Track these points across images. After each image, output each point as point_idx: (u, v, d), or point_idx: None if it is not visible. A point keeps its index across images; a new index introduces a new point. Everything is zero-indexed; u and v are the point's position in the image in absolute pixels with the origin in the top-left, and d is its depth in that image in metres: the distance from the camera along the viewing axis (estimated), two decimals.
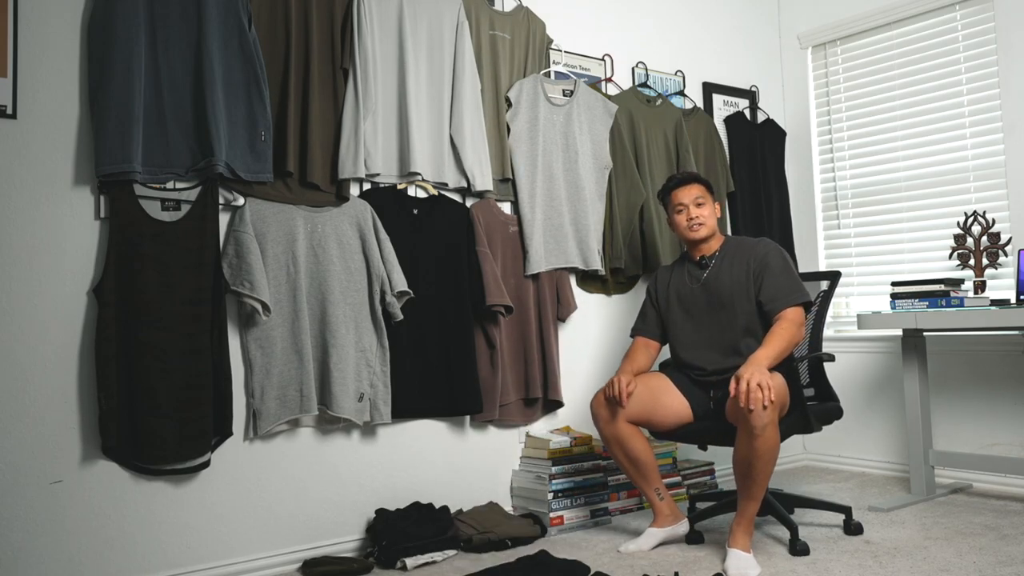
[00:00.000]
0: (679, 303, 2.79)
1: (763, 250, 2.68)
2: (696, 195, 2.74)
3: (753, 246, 2.71)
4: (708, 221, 2.74)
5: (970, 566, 2.33)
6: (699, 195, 2.74)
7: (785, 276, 2.62)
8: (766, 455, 2.33)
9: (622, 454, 2.64)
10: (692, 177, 2.80)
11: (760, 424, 2.28)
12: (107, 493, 2.27)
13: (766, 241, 2.73)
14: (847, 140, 4.05)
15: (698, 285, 2.75)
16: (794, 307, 2.57)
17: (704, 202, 2.75)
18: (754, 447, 2.31)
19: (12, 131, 2.20)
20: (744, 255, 2.70)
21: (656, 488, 2.68)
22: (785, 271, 2.63)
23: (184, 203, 2.39)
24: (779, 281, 2.61)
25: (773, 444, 2.33)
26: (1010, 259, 3.36)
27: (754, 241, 2.75)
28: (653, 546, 2.62)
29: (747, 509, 2.42)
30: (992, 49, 3.49)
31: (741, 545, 2.39)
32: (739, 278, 2.67)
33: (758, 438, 2.30)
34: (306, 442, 2.63)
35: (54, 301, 2.23)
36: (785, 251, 2.71)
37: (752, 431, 2.29)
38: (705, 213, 2.74)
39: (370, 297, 2.71)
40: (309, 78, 2.62)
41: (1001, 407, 3.38)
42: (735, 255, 2.72)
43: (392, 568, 2.50)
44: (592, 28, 3.56)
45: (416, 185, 2.89)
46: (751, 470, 2.35)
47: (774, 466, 2.40)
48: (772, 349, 2.44)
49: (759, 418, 2.28)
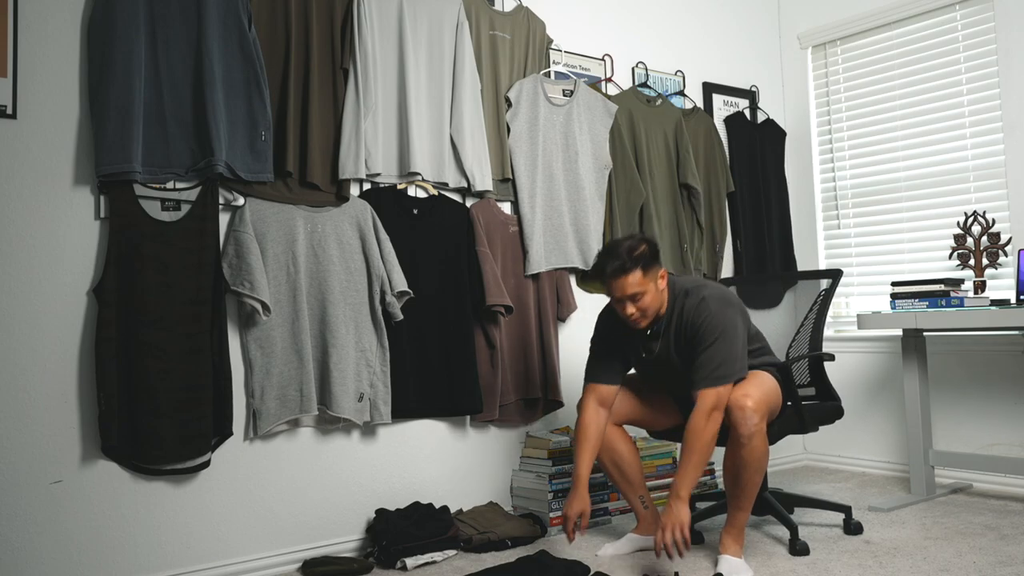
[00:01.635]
0: (637, 361, 2.57)
1: (698, 322, 2.37)
2: (632, 292, 2.35)
3: (692, 314, 2.38)
4: (649, 310, 2.39)
5: (970, 566, 2.33)
6: (636, 291, 2.35)
7: (714, 353, 2.32)
8: (753, 464, 2.31)
9: (608, 458, 2.59)
10: (623, 268, 2.34)
11: (747, 433, 2.27)
12: (107, 493, 2.27)
13: (705, 306, 2.37)
14: (847, 140, 4.05)
15: (652, 357, 2.51)
16: (710, 389, 2.29)
17: (643, 293, 2.36)
18: (741, 456, 2.30)
19: (12, 131, 2.20)
20: (685, 327, 2.41)
21: (641, 495, 2.63)
22: (714, 347, 2.32)
23: (184, 203, 2.39)
24: (705, 359, 2.33)
25: (761, 453, 2.32)
26: (1010, 259, 3.36)
27: (693, 305, 2.40)
28: (630, 551, 2.59)
29: (736, 519, 2.41)
30: (992, 49, 3.49)
31: (732, 551, 2.38)
32: (685, 353, 2.42)
33: (744, 447, 2.29)
34: (306, 442, 2.63)
35: (54, 301, 2.23)
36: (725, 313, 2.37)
37: (739, 440, 2.29)
38: (645, 303, 2.37)
39: (370, 297, 2.71)
40: (309, 78, 2.62)
41: (1001, 407, 3.37)
42: (678, 327, 2.43)
43: (392, 568, 2.50)
44: (592, 28, 3.56)
45: (416, 185, 2.89)
46: (739, 479, 2.34)
47: (762, 475, 2.39)
48: (692, 475, 2.26)
49: (746, 426, 2.27)
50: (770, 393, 2.40)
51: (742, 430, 2.27)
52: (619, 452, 2.59)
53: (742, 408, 2.28)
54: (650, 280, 2.38)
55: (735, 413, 2.28)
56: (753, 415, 2.28)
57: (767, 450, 2.34)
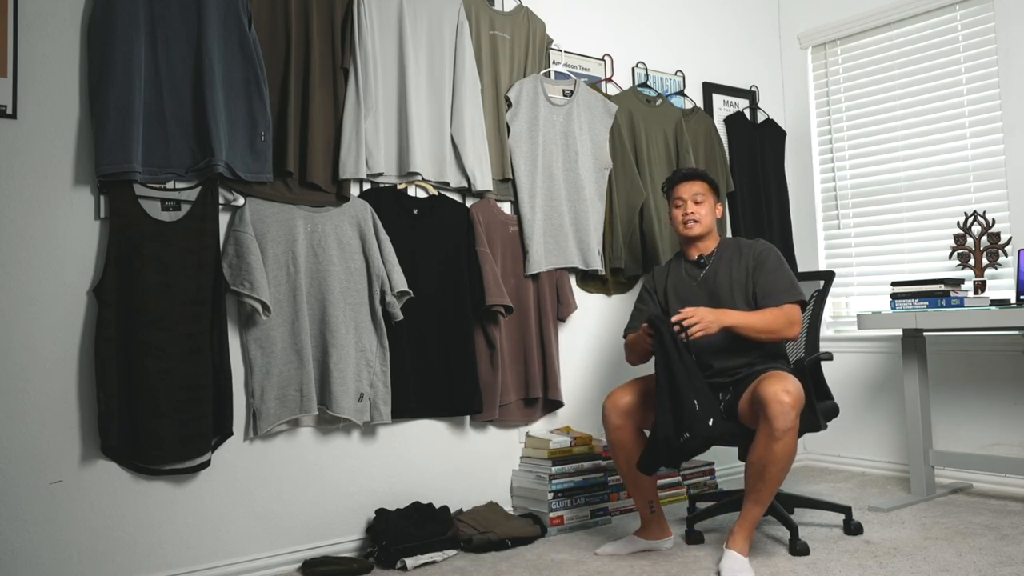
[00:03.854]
0: (678, 302, 2.73)
1: (759, 248, 2.67)
2: (696, 191, 2.71)
3: (750, 246, 2.70)
4: (704, 219, 2.71)
5: (970, 566, 2.33)
6: (699, 192, 2.72)
7: (780, 274, 2.60)
8: (783, 460, 2.31)
9: (624, 461, 2.58)
10: (695, 174, 2.77)
11: (783, 427, 2.26)
12: (107, 493, 2.27)
13: (762, 241, 2.71)
14: (847, 140, 4.05)
15: (696, 284, 2.72)
16: (789, 304, 2.55)
17: (703, 200, 2.71)
18: (773, 450, 2.29)
19: (12, 131, 2.20)
20: (741, 255, 2.68)
21: (649, 500, 2.62)
22: (780, 269, 2.61)
23: (184, 203, 2.39)
24: (774, 278, 2.59)
25: (791, 450, 2.32)
26: (1010, 259, 3.36)
27: (751, 241, 2.73)
28: (630, 552, 2.58)
29: (751, 513, 2.40)
30: (992, 49, 3.49)
31: (739, 548, 2.37)
32: (738, 277, 2.65)
33: (779, 441, 2.28)
34: (306, 442, 2.63)
35: (54, 301, 2.23)
36: (779, 251, 2.69)
37: (773, 434, 2.27)
38: (702, 211, 2.71)
39: (370, 297, 2.71)
40: (309, 78, 2.61)
41: (1001, 407, 3.37)
42: (733, 255, 2.70)
43: (392, 568, 2.50)
44: (592, 28, 3.56)
45: (416, 185, 2.89)
46: (764, 473, 2.33)
47: (787, 473, 2.38)
48: (746, 318, 2.49)
49: (783, 420, 2.26)
50: (803, 392, 2.38)
51: (779, 423, 2.26)
52: (635, 456, 2.56)
53: (781, 403, 2.27)
54: (711, 196, 2.75)
55: (774, 407, 2.27)
56: (791, 411, 2.27)
57: (796, 447, 2.35)
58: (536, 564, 2.50)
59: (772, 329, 2.50)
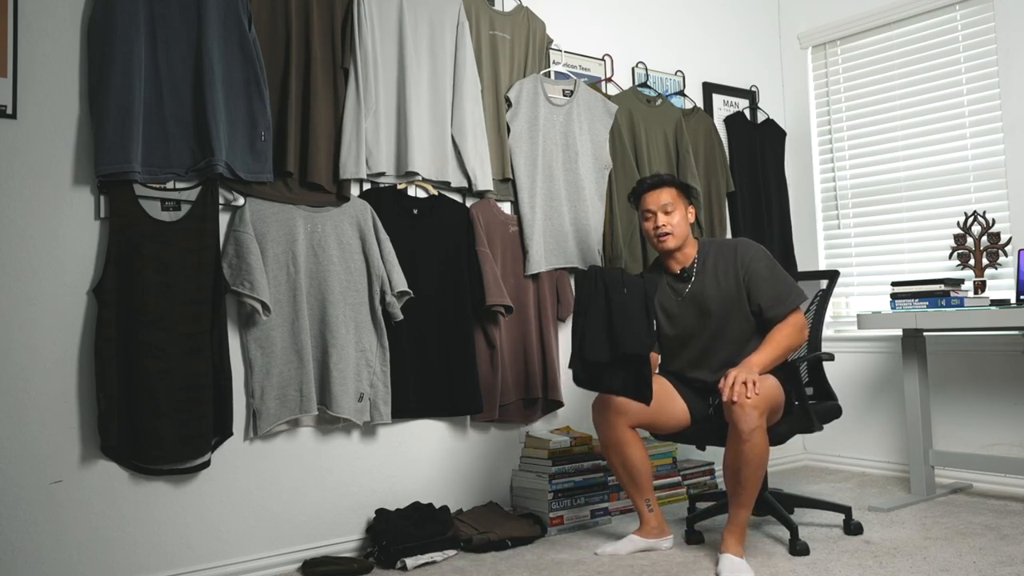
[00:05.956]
0: (667, 319, 2.67)
1: (745, 254, 2.57)
2: (664, 202, 2.59)
3: (734, 250, 2.59)
4: (677, 229, 2.60)
5: (970, 566, 2.33)
6: (668, 201, 2.59)
7: (776, 279, 2.55)
8: (754, 461, 2.32)
9: (618, 460, 2.58)
10: (661, 180, 2.64)
11: (747, 428, 2.27)
12: (107, 493, 2.27)
13: (744, 243, 2.62)
14: (847, 140, 4.05)
15: (681, 300, 2.64)
16: (794, 313, 2.53)
17: (673, 209, 2.59)
18: (742, 452, 2.30)
19: (12, 131, 2.20)
20: (727, 261, 2.58)
21: (647, 499, 2.62)
22: (774, 273, 2.56)
23: (184, 203, 2.39)
24: (773, 286, 2.54)
25: (761, 450, 2.32)
26: (1010, 259, 3.36)
27: (732, 244, 2.63)
28: (630, 552, 2.58)
29: (738, 516, 2.41)
30: (992, 49, 3.49)
31: (734, 551, 2.38)
32: (727, 288, 2.57)
33: (746, 443, 2.29)
34: (306, 442, 2.63)
35: (54, 301, 2.23)
36: (765, 248, 2.61)
37: (740, 435, 2.29)
38: (674, 221, 2.59)
39: (370, 297, 2.71)
40: (309, 78, 2.61)
41: (1001, 407, 3.37)
42: (717, 262, 2.61)
43: (392, 568, 2.50)
44: (592, 28, 3.56)
45: (416, 185, 2.89)
46: (739, 475, 2.34)
47: (763, 472, 2.39)
48: (767, 355, 2.42)
49: (746, 422, 2.27)
50: (770, 390, 2.40)
51: (742, 426, 2.28)
52: (629, 455, 2.57)
53: (741, 405, 2.28)
54: (681, 202, 2.63)
55: (735, 410, 2.29)
56: (752, 411, 2.28)
57: (767, 447, 2.35)
58: (536, 564, 2.50)
59: (792, 348, 2.50)
